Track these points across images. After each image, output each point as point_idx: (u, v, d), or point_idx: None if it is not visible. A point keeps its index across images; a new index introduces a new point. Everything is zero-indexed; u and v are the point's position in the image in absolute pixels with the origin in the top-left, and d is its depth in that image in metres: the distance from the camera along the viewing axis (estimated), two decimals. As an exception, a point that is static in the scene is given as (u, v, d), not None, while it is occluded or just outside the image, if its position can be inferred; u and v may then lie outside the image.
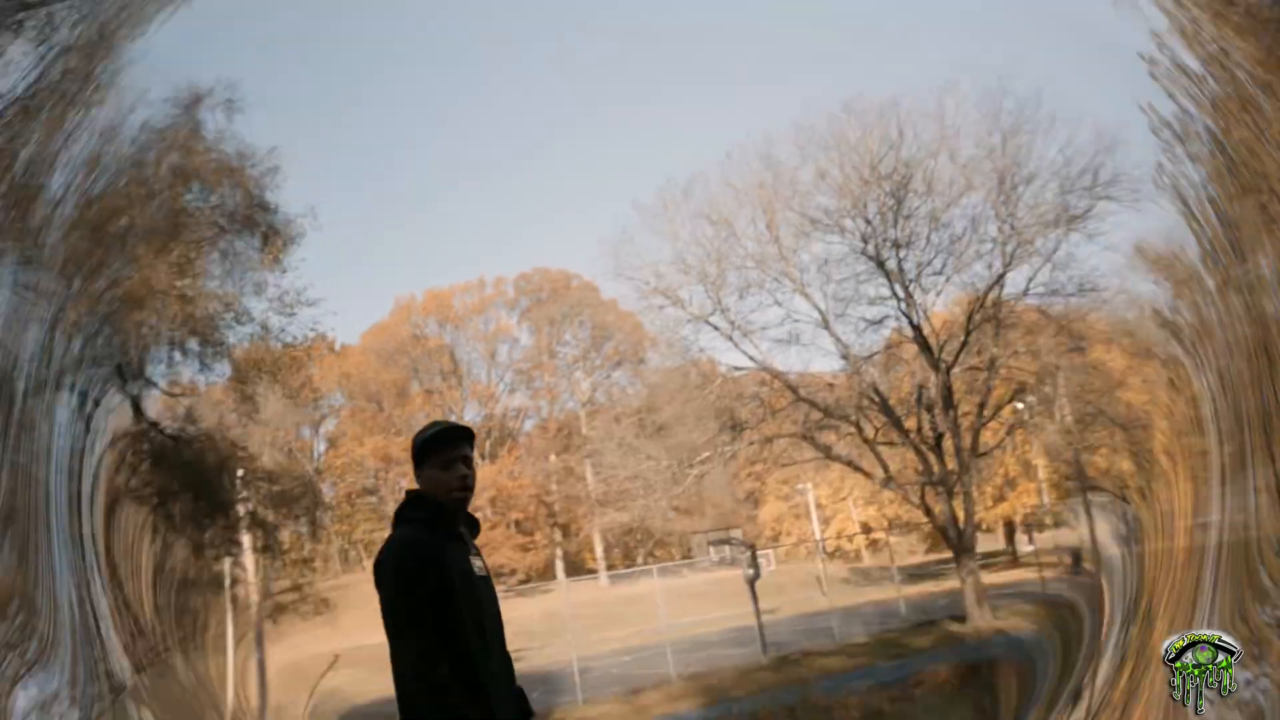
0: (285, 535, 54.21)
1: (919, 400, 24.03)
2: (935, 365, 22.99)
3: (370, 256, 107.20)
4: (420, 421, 65.31)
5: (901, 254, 22.88)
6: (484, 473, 61.89)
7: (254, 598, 30.17)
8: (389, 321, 65.45)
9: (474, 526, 3.34)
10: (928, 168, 22.49)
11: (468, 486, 3.26)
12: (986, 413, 23.82)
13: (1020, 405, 27.70)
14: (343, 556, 70.67)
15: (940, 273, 23.65)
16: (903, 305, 23.39)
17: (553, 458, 61.06)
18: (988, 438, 26.89)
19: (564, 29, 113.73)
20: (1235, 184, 23.82)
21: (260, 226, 19.31)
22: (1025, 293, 23.06)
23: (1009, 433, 26.59)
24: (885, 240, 22.68)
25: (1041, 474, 41.29)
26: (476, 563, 3.21)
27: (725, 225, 23.38)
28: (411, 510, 3.18)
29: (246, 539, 23.33)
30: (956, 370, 23.96)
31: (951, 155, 22.45)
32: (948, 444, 23.35)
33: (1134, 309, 30.14)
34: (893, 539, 59.85)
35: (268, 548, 23.73)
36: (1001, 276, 22.33)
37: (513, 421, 67.57)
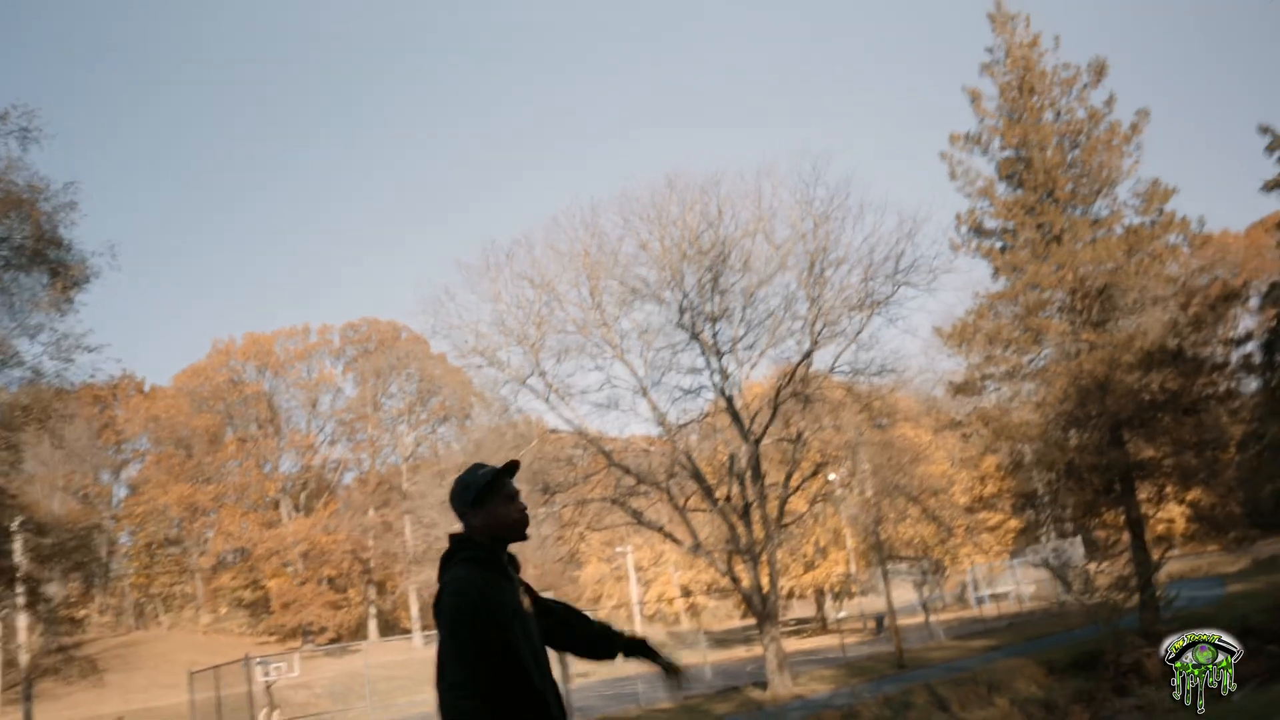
0: (66, 589, 50.13)
1: (731, 469, 24.65)
2: (745, 436, 23.67)
3: (188, 295, 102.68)
4: (233, 471, 62.40)
5: (716, 327, 23.60)
6: (298, 525, 59.51)
7: (25, 656, 28.05)
8: (205, 364, 62.35)
9: (515, 563, 3.37)
10: (744, 246, 23.38)
11: (528, 518, 3.35)
12: (793, 483, 24.62)
13: (833, 477, 28.83)
14: (138, 611, 66.03)
15: (752, 347, 24.49)
16: (716, 376, 24.08)
17: (371, 512, 59.37)
18: (800, 506, 27.82)
19: (399, 83, 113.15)
20: (1019, 277, 25.71)
21: (49, 263, 18.25)
22: (832, 370, 24.11)
23: (813, 504, 27.55)
24: (700, 313, 23.36)
25: (850, 543, 42.98)
26: (525, 601, 3.27)
27: (548, 289, 23.59)
28: (463, 552, 3.19)
29: (20, 593, 21.62)
30: (767, 442, 24.73)
31: (767, 236, 23.42)
32: (756, 513, 23.97)
33: (938, 387, 32.10)
34: (711, 603, 60.73)
35: (32, 604, 21.96)
36: (809, 354, 23.29)
37: (332, 473, 65.48)
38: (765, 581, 24.54)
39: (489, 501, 3.23)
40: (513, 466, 3.33)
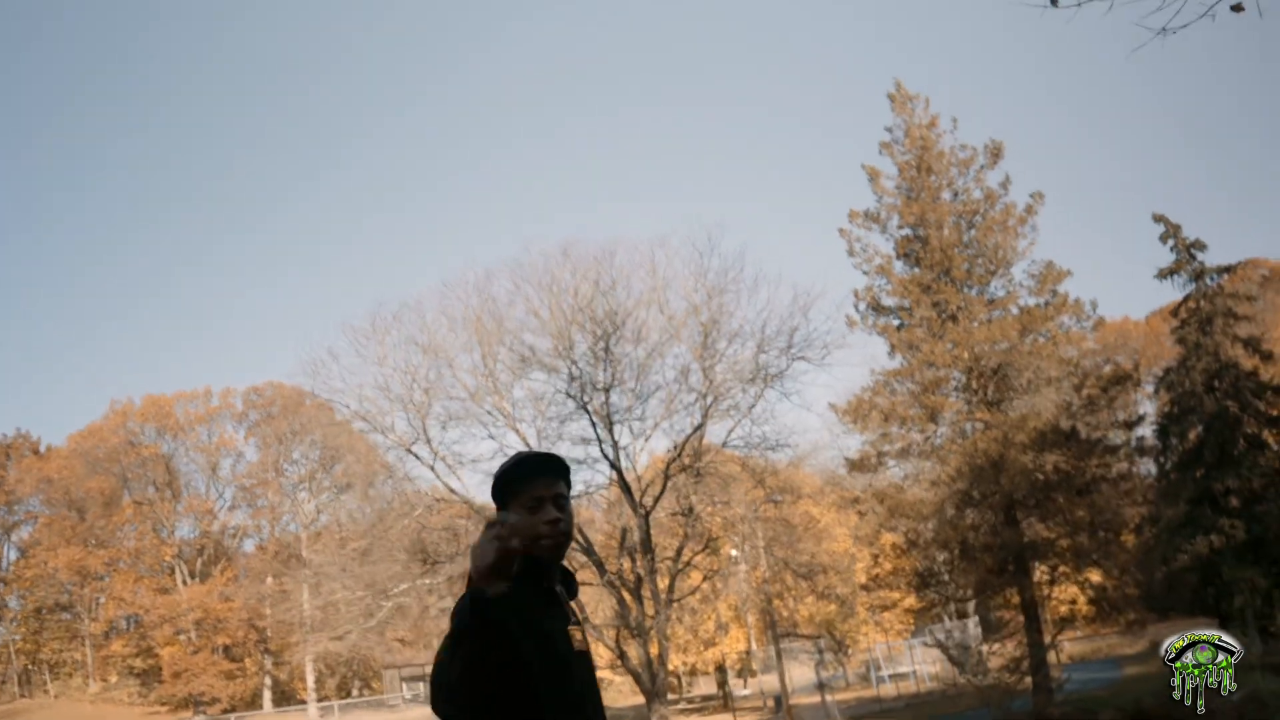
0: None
1: (622, 543, 24.11)
2: (635, 508, 23.18)
3: (88, 353, 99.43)
4: (127, 536, 60.08)
5: (608, 397, 23.21)
6: (193, 592, 57.33)
7: None
8: (101, 425, 60.24)
9: (570, 584, 2.74)
10: (638, 316, 23.14)
11: (561, 532, 2.65)
12: (685, 558, 24.14)
13: (735, 553, 28.38)
14: (24, 679, 62.97)
15: (645, 419, 24.14)
16: (607, 447, 23.61)
17: (270, 580, 57.43)
18: (697, 579, 27.27)
19: (304, 142, 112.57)
20: (915, 355, 25.83)
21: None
22: (725, 444, 23.83)
23: (705, 579, 27.04)
24: (591, 383, 22.97)
25: (751, 620, 42.43)
26: (574, 633, 2.62)
27: (438, 354, 23.08)
28: None
29: None
30: (660, 515, 24.25)
31: (661, 307, 23.23)
32: (647, 588, 23.40)
33: (840, 464, 32.00)
34: (617, 678, 59.51)
35: None
36: (700, 427, 23.02)
37: (231, 540, 63.45)
38: (655, 657, 23.90)
39: (512, 505, 2.60)
40: (550, 461, 2.68)
